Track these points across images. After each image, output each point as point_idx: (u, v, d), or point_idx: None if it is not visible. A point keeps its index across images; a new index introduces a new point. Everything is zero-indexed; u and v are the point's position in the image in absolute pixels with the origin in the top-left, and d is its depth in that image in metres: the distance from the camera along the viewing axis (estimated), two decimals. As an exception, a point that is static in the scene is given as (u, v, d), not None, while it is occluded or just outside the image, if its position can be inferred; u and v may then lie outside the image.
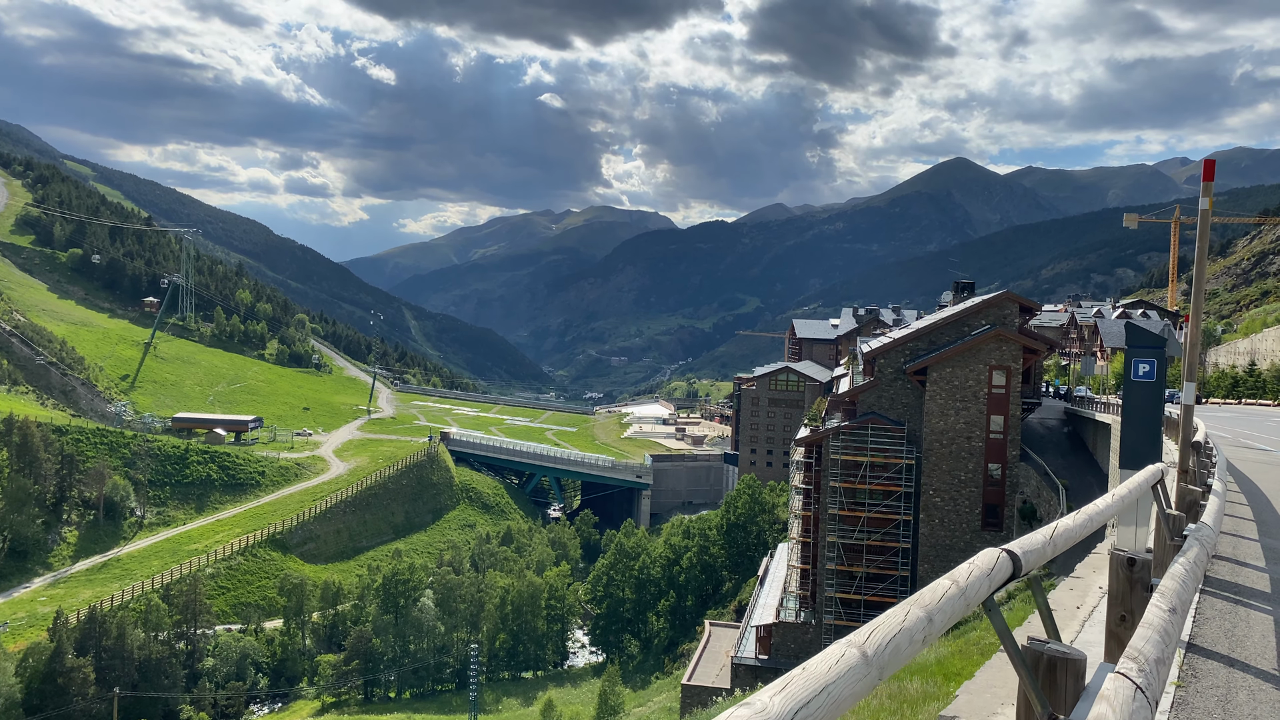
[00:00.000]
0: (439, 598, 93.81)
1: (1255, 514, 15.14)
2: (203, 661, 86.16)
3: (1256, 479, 20.91)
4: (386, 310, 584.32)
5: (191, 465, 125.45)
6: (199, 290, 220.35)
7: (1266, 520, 14.57)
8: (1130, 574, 5.79)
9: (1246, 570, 10.53)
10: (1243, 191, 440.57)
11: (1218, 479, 12.09)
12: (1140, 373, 12.25)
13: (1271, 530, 13.55)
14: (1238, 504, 15.81)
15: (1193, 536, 6.95)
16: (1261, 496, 17.75)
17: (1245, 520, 14.12)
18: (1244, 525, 13.53)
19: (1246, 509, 15.55)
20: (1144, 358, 12.12)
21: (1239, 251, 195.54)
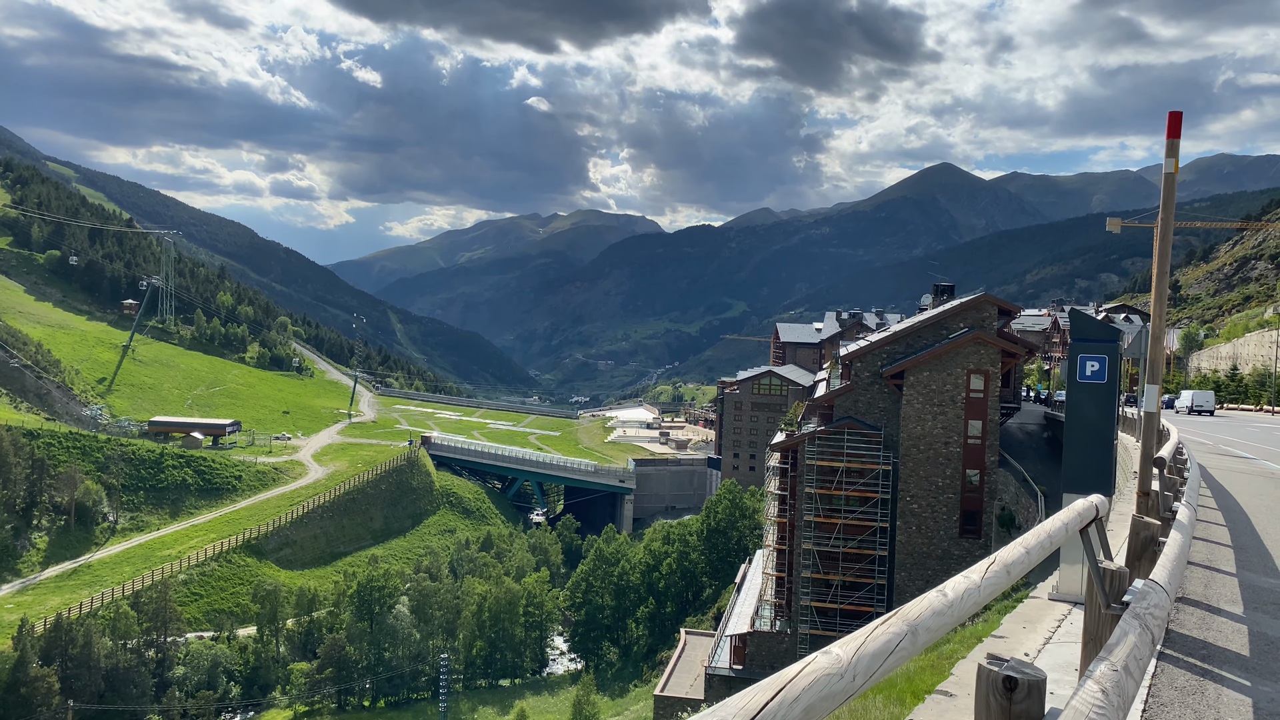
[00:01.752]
0: (414, 604, 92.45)
1: (1233, 537, 13.25)
2: (173, 670, 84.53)
3: (1237, 492, 19.26)
4: (372, 314, 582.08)
5: (166, 469, 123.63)
6: (179, 293, 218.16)
7: (1246, 547, 12.67)
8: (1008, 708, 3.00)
9: (1220, 621, 8.52)
10: (1225, 197, 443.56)
11: (1185, 504, 10.33)
12: (1087, 372, 10.24)
13: (1251, 560, 11.66)
14: (1213, 525, 14.01)
15: (1131, 613, 4.53)
16: (1241, 515, 15.85)
17: (1220, 546, 12.26)
18: (1219, 555, 11.60)
19: (1223, 531, 13.66)
20: (1092, 354, 10.17)
21: (1221, 256, 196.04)
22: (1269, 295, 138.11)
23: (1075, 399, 10.55)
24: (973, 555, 45.33)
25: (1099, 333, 10.45)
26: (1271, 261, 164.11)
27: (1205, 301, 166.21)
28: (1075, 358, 10.41)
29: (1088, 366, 10.32)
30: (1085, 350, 10.33)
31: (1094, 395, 10.27)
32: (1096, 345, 10.29)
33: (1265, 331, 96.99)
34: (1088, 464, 10.28)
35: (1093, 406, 10.28)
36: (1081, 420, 10.42)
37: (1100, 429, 10.29)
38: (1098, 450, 10.27)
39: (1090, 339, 10.44)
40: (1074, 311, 11.07)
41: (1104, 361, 10.23)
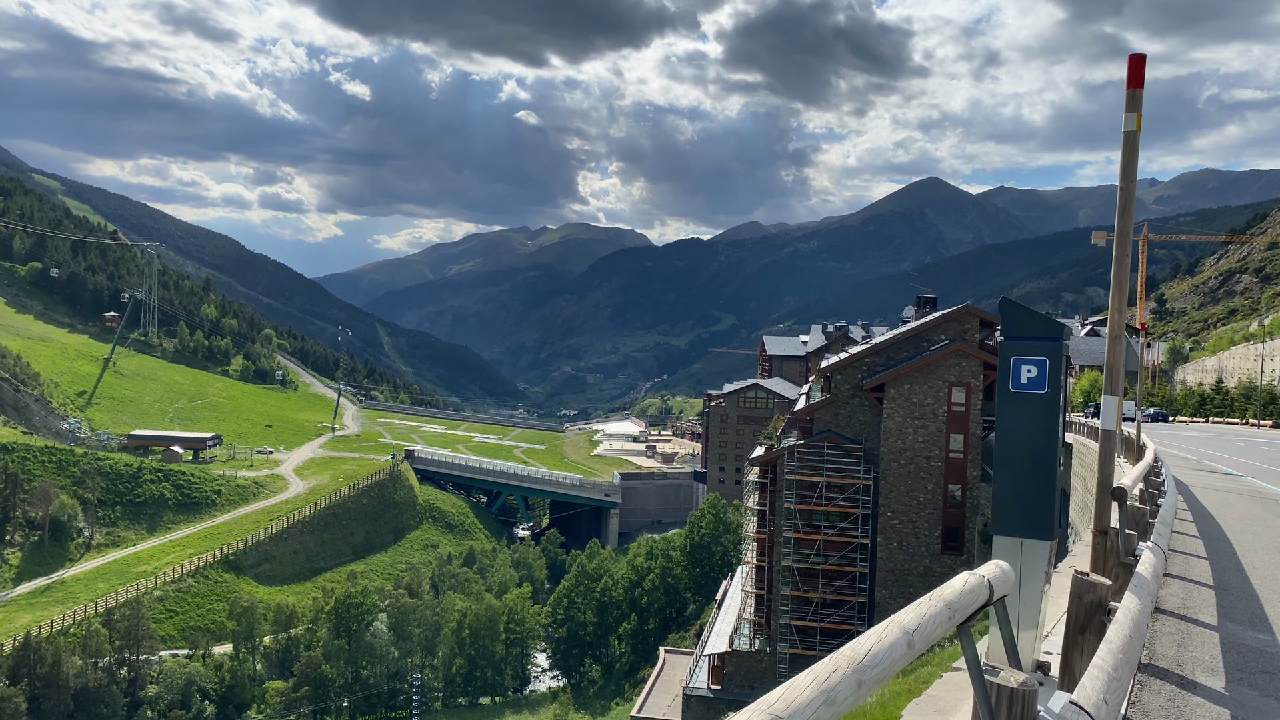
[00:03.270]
0: (393, 622, 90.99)
1: (1215, 574, 11.19)
2: (145, 689, 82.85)
3: (1221, 515, 17.33)
4: (359, 327, 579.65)
5: (144, 484, 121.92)
6: (163, 305, 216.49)
7: (1230, 587, 10.54)
8: None
9: (1194, 702, 6.42)
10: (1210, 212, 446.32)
11: (1152, 546, 8.36)
12: (1022, 380, 8.18)
13: (1236, 606, 9.39)
14: (1193, 557, 12.05)
15: None
16: (1225, 545, 13.79)
17: (1200, 586, 10.25)
18: (1198, 599, 9.55)
19: (1203, 566, 11.60)
20: (1028, 356, 8.23)
21: (1207, 270, 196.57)
22: (1254, 309, 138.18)
23: (1005, 414, 8.30)
24: (955, 572, 44.42)
25: (1037, 328, 8.41)
26: (1256, 275, 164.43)
27: (1191, 315, 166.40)
28: (1006, 360, 8.29)
29: (1023, 372, 8.28)
30: (1019, 351, 8.33)
31: (1030, 409, 8.24)
32: (1033, 345, 8.31)
33: (1250, 345, 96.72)
34: (1022, 498, 8.20)
35: (1028, 423, 8.23)
36: (1014, 441, 8.28)
37: (1038, 452, 8.18)
38: (1035, 480, 8.16)
39: (1025, 336, 8.38)
40: (1004, 302, 8.67)
41: (1043, 365, 8.21)
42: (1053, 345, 8.43)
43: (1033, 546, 8.12)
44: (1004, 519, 8.39)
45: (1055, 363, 8.36)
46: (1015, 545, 8.18)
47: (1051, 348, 8.41)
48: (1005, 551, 8.23)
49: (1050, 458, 8.34)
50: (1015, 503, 8.35)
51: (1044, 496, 8.29)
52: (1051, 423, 8.31)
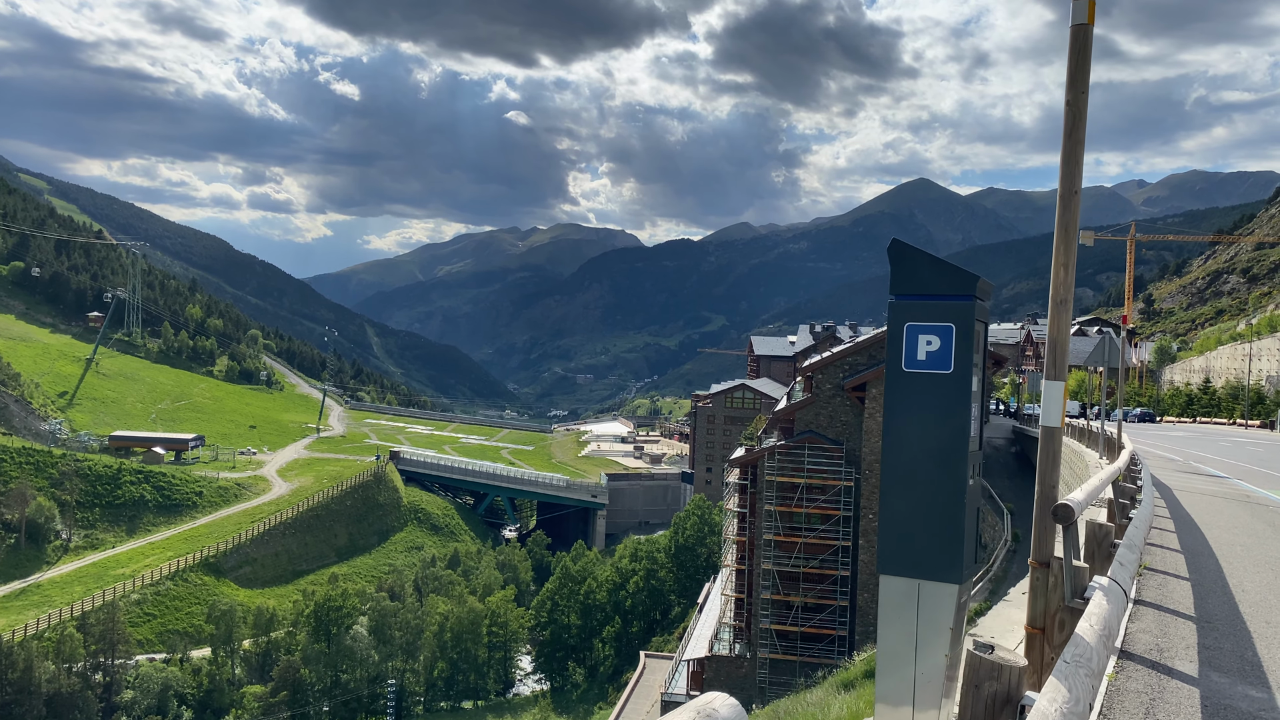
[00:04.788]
0: (374, 625, 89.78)
1: (1198, 601, 9.27)
2: (121, 694, 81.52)
3: (1206, 524, 15.60)
4: (349, 327, 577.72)
5: (124, 486, 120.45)
6: (147, 305, 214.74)
7: (1214, 618, 8.61)
8: None
9: None
10: (1198, 213, 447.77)
11: (1106, 588, 6.28)
12: (919, 355, 6.16)
13: (1222, 647, 7.53)
14: (1171, 577, 10.26)
15: None
16: (1210, 559, 11.97)
17: (1178, 618, 8.36)
18: (1175, 635, 7.70)
19: (1183, 589, 9.77)
20: (927, 321, 6.14)
21: (1194, 271, 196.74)
22: (1241, 309, 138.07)
23: (896, 404, 6.23)
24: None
25: (939, 282, 6.15)
26: (1243, 276, 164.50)
27: (1178, 315, 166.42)
28: (897, 328, 6.22)
29: (920, 344, 6.10)
30: (915, 314, 6.15)
31: (930, 396, 6.10)
32: (935, 306, 6.12)
33: (1237, 345, 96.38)
34: (919, 523, 6.05)
35: (927, 417, 6.10)
36: (906, 442, 6.15)
37: (942, 458, 6.03)
38: (938, 498, 6.03)
39: (923, 294, 6.16)
40: (895, 245, 6.44)
41: (948, 335, 6.07)
42: (961, 306, 6.13)
43: (935, 592, 6.01)
44: (893, 552, 6.16)
45: (965, 331, 6.13)
46: (908, 590, 6.09)
47: (960, 310, 6.13)
48: (895, 597, 6.14)
49: (958, 466, 6.06)
50: (909, 529, 6.15)
51: (949, 520, 6.03)
52: (960, 416, 6.09)
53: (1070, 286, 6.51)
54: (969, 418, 6.19)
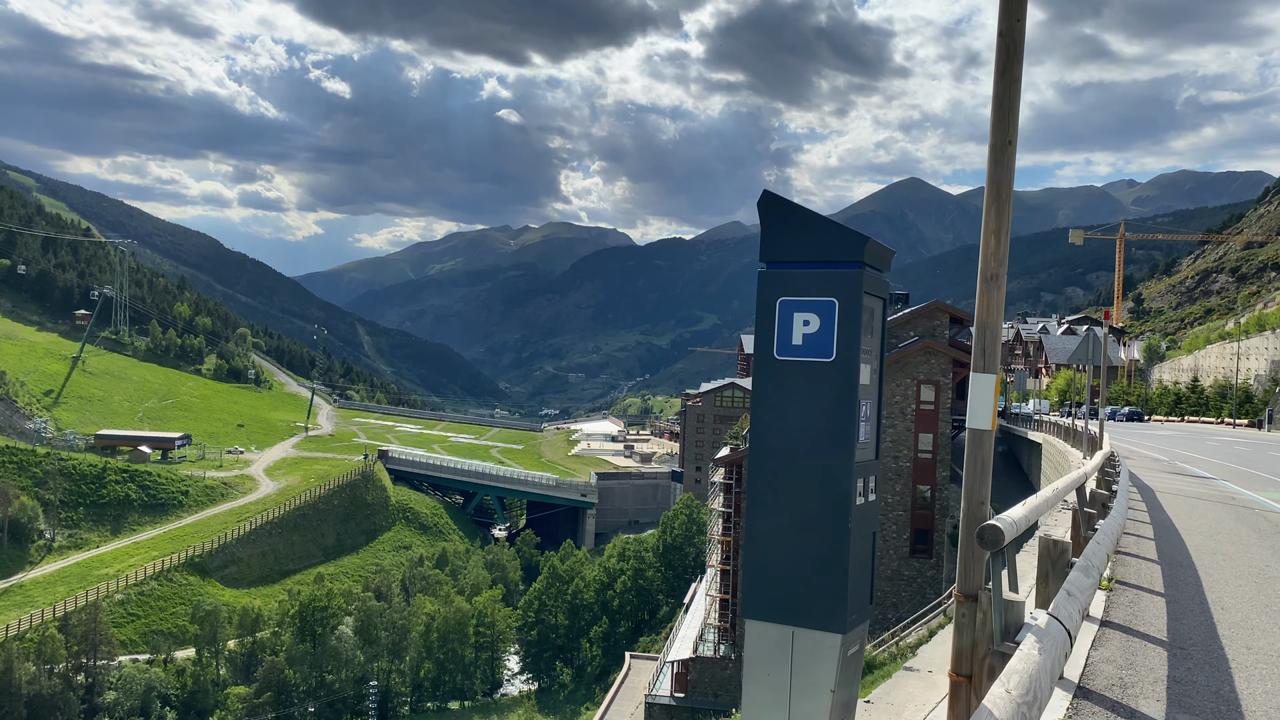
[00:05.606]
0: (359, 625, 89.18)
1: (1171, 619, 8.27)
2: (103, 696, 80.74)
3: (1187, 529, 14.58)
4: (339, 326, 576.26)
5: (109, 485, 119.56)
6: (135, 303, 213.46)
7: (1191, 642, 7.59)
8: None
9: None
10: (1187, 213, 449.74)
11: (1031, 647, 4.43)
12: (797, 340, 5.14)
13: (1195, 680, 6.57)
14: (1144, 593, 9.24)
15: None
16: (1189, 571, 10.80)
17: (1148, 643, 7.32)
18: (1143, 663, 6.73)
19: (1157, 606, 8.64)
20: (805, 296, 5.14)
21: (1183, 270, 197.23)
22: (1230, 308, 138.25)
23: (765, 399, 5.17)
24: (923, 576, 43.31)
25: (817, 245, 5.14)
26: (1232, 275, 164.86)
27: (1168, 314, 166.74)
28: (769, 304, 5.23)
29: (795, 325, 5.09)
30: (791, 287, 5.15)
31: (805, 391, 5.05)
32: (815, 277, 5.10)
33: (1226, 344, 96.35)
34: (790, 552, 4.96)
35: (804, 416, 5.03)
36: (774, 451, 5.10)
37: (823, 469, 4.95)
38: (816, 521, 4.92)
39: (799, 261, 5.19)
40: (766, 198, 5.36)
41: (829, 313, 5.01)
42: (846, 276, 5.01)
43: (812, 644, 4.91)
44: (760, 591, 5.02)
45: (850, 307, 4.97)
46: (780, 639, 4.99)
47: (844, 281, 5.00)
48: (763, 648, 5.04)
49: (841, 480, 4.89)
50: (780, 563, 4.97)
51: (830, 551, 4.87)
52: (843, 416, 4.92)
53: (1003, 259, 5.43)
54: (855, 418, 5.00)
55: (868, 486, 5.25)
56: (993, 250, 5.44)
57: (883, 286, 5.57)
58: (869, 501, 5.29)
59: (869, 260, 5.21)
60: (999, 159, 5.32)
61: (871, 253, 5.26)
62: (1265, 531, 15.17)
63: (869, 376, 5.29)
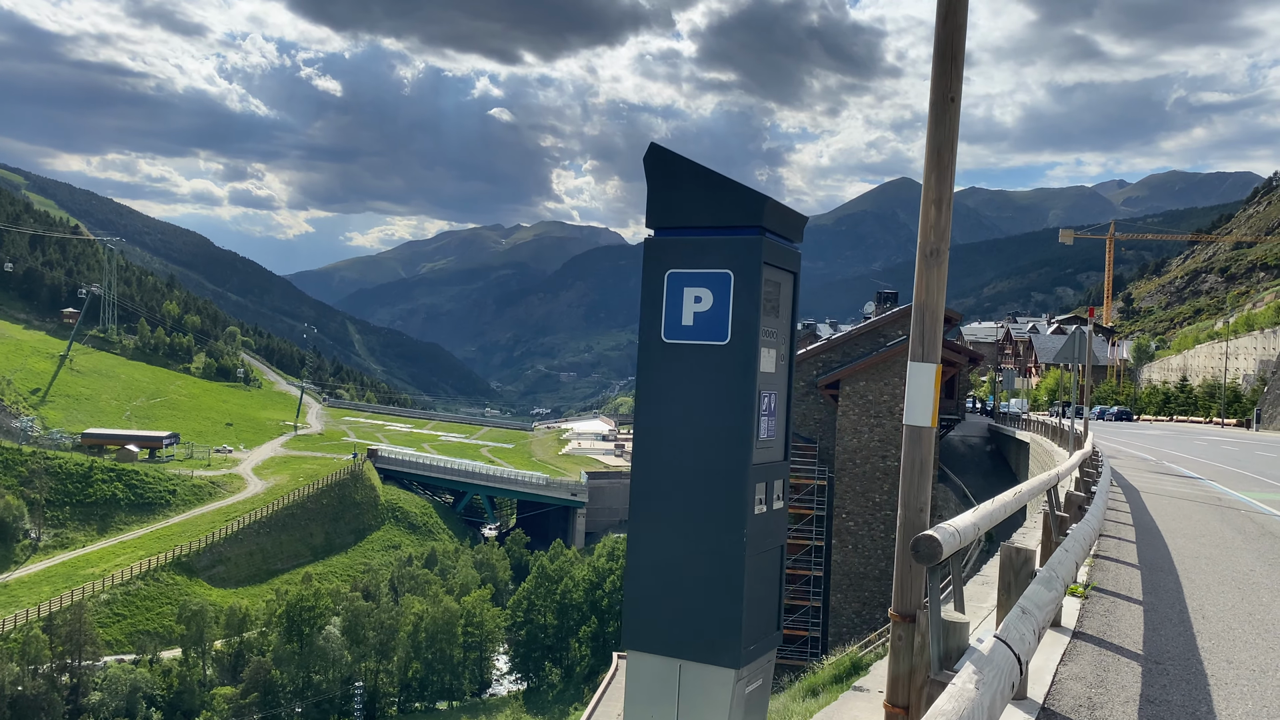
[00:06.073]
0: (347, 625, 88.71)
1: (1148, 629, 7.85)
2: (88, 696, 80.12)
3: (1171, 531, 14.01)
4: (331, 325, 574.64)
5: (95, 484, 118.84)
6: (123, 301, 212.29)
7: (1168, 656, 7.09)
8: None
9: None
10: (1177, 213, 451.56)
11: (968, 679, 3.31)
12: (687, 319, 4.50)
13: (1171, 701, 6.02)
14: (1122, 600, 8.75)
15: None
16: (1170, 577, 10.30)
17: (1122, 657, 6.83)
18: (1115, 682, 6.27)
19: (1134, 616, 8.18)
20: (695, 269, 4.49)
21: (1173, 270, 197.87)
22: (1219, 308, 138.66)
23: (651, 389, 4.57)
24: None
25: (710, 208, 4.49)
26: (1221, 275, 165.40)
27: (1157, 314, 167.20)
28: (656, 277, 4.60)
29: (686, 303, 4.45)
30: (679, 257, 4.49)
31: (696, 380, 4.45)
32: (704, 245, 4.47)
33: (1215, 343, 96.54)
34: (676, 572, 4.35)
35: (688, 411, 4.45)
36: (660, 450, 4.55)
37: (715, 473, 4.36)
38: (707, 535, 4.32)
39: (690, 227, 4.54)
40: (653, 151, 4.68)
41: (724, 288, 4.39)
42: (743, 244, 4.38)
43: (702, 680, 4.32)
44: (642, 617, 4.42)
45: (748, 281, 4.34)
46: (665, 674, 4.37)
47: (741, 250, 4.37)
48: (646, 683, 4.44)
49: (736, 485, 4.28)
50: (665, 585, 4.36)
51: (724, 571, 4.26)
52: (739, 409, 4.30)
53: (945, 232, 4.73)
54: (753, 412, 4.32)
55: (771, 493, 4.63)
56: (933, 222, 4.78)
57: (792, 259, 4.98)
58: (773, 510, 4.65)
59: (771, 225, 4.59)
60: (940, 118, 4.61)
61: (774, 217, 4.64)
62: (1251, 534, 14.91)
63: (774, 363, 4.67)
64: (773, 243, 4.61)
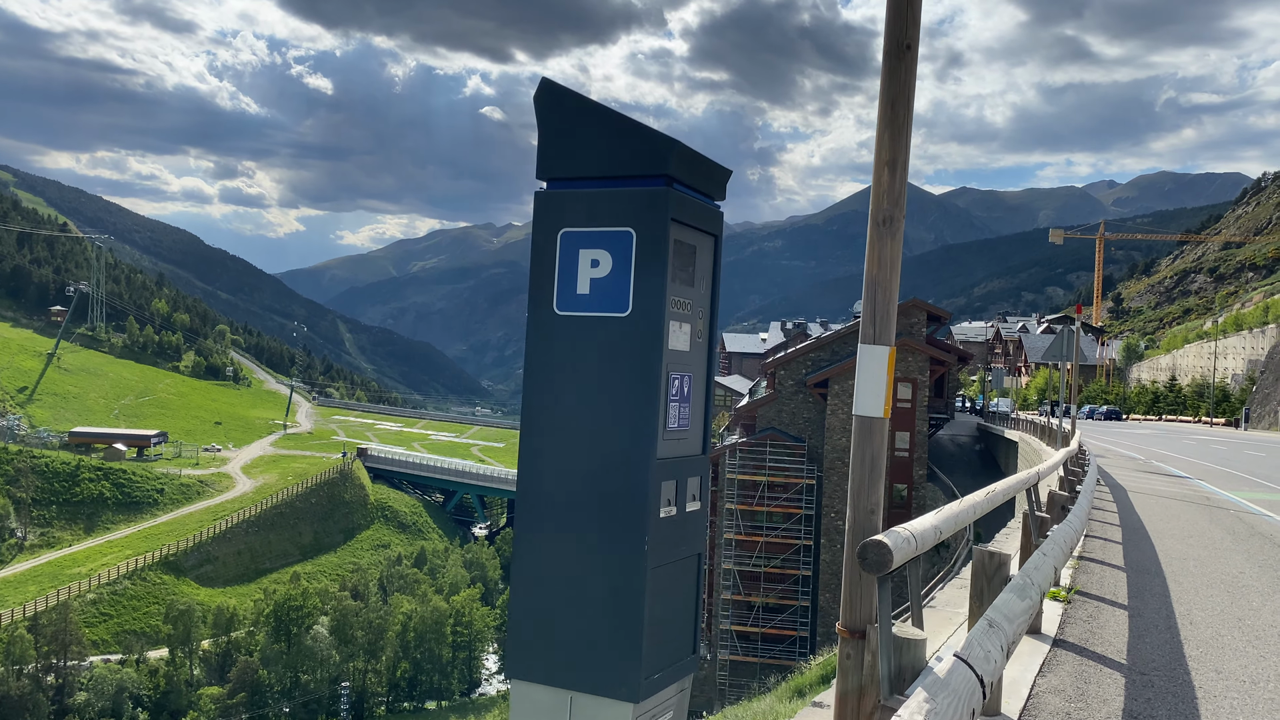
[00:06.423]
0: (335, 624, 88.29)
1: (1133, 637, 7.42)
2: (74, 696, 79.58)
3: (1158, 531, 13.82)
4: (321, 323, 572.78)
5: (83, 483, 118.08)
6: (111, 300, 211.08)
7: (1152, 666, 6.63)
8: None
9: None
10: (1166, 213, 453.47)
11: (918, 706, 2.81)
12: (583, 288, 3.82)
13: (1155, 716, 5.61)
14: (1105, 605, 8.29)
15: None
16: (1157, 579, 9.97)
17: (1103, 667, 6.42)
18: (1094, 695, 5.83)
19: (1118, 621, 7.81)
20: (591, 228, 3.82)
21: (1162, 270, 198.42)
22: (1208, 308, 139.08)
23: (540, 373, 3.94)
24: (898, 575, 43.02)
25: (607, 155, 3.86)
26: (1210, 275, 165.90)
27: (1147, 314, 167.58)
28: (548, 238, 3.92)
29: (581, 267, 3.83)
30: (574, 214, 3.87)
31: (591, 359, 3.82)
32: (601, 199, 3.82)
33: (1204, 343, 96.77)
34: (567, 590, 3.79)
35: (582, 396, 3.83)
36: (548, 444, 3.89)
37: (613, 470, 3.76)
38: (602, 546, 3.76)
39: (586, 179, 3.89)
40: (544, 85, 4.02)
41: (624, 249, 3.76)
42: (647, 197, 3.75)
43: (596, 714, 3.74)
44: (528, 641, 3.84)
45: (653, 241, 3.72)
46: (555, 706, 3.80)
47: (644, 203, 3.75)
48: (533, 717, 3.87)
49: (638, 486, 3.67)
50: (555, 604, 3.78)
51: (622, 586, 3.66)
52: (643, 394, 3.70)
53: (899, 198, 4.13)
54: (658, 396, 3.69)
55: (684, 492, 3.99)
56: (886, 186, 4.12)
57: (711, 218, 4.21)
58: (686, 513, 4.01)
59: (680, 176, 3.87)
60: (894, 68, 3.98)
61: (685, 165, 3.91)
62: (1240, 534, 14.73)
63: (688, 340, 3.98)
64: (684, 196, 3.93)
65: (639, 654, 3.65)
